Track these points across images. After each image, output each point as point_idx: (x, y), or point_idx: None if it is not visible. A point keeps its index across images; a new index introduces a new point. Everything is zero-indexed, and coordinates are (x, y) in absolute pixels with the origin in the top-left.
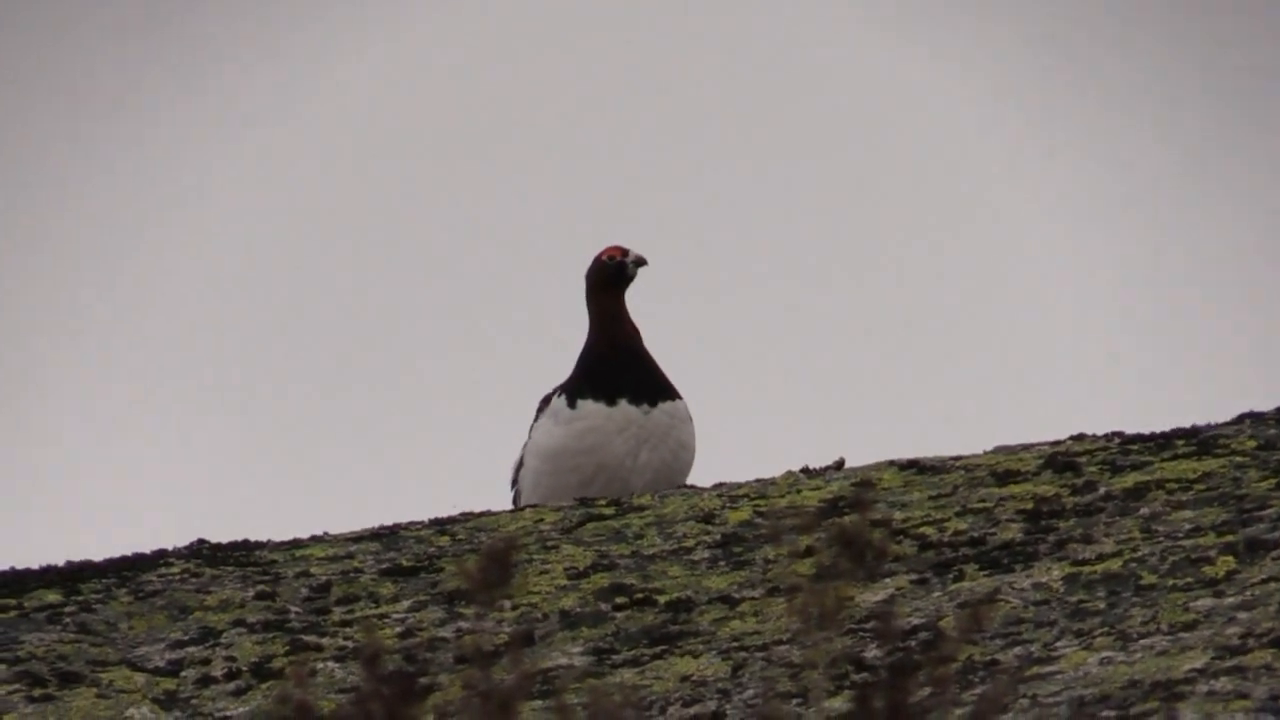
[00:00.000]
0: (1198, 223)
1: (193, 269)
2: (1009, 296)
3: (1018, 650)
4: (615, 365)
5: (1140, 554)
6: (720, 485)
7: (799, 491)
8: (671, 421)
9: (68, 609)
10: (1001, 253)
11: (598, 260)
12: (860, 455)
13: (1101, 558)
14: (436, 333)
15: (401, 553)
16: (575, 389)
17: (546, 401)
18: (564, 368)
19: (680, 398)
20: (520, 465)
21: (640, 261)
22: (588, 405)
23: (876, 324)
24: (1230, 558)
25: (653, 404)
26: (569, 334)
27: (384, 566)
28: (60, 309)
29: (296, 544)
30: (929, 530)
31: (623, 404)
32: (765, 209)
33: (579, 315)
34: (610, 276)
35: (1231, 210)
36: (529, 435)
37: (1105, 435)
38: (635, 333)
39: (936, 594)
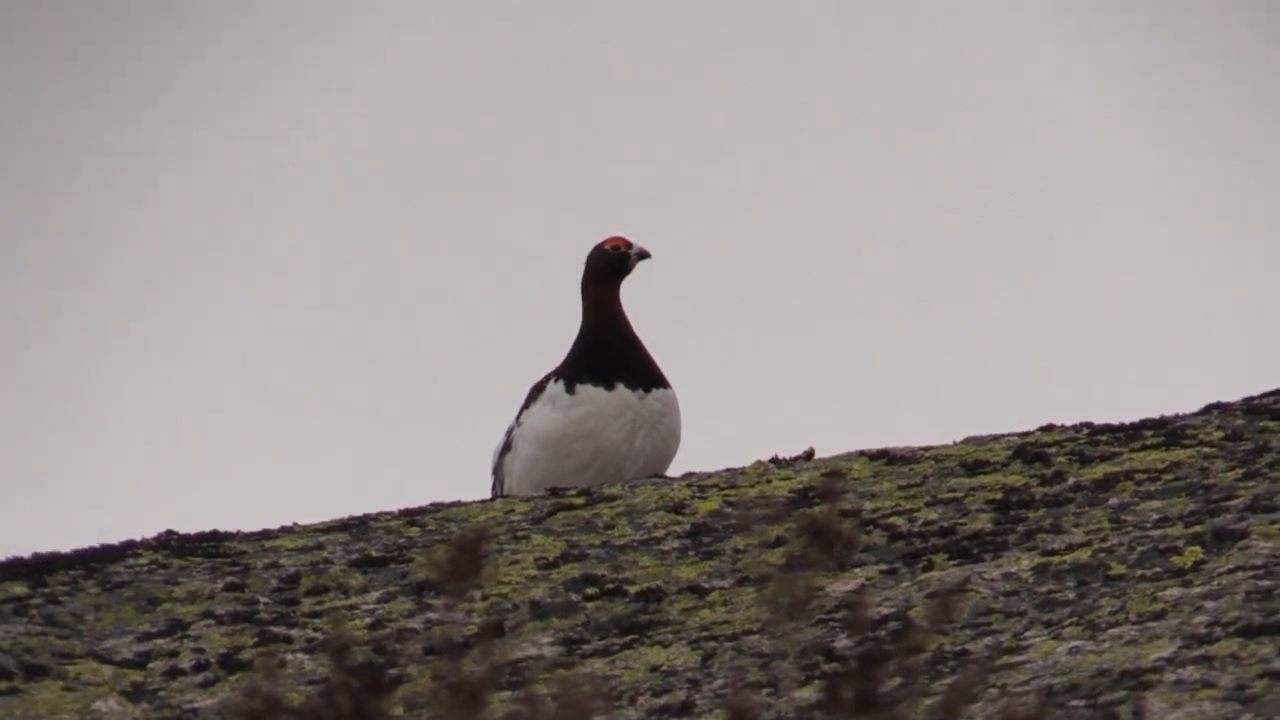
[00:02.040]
0: (1169, 215)
1: (165, 263)
2: (979, 288)
3: (987, 640)
4: (612, 351)
5: (1109, 544)
6: (690, 475)
7: (769, 481)
8: (664, 409)
9: (34, 601)
10: (971, 245)
11: (600, 249)
12: (830, 445)
13: (1070, 548)
14: (406, 324)
15: (371, 544)
16: (573, 374)
17: (539, 388)
18: (534, 358)
19: (670, 386)
20: (504, 451)
21: (643, 254)
22: (587, 390)
23: (847, 313)
24: (1198, 548)
25: (647, 390)
26: (539, 325)
27: (353, 557)
28: (33, 304)
29: (266, 535)
30: (899, 520)
31: (620, 388)
32: (736, 196)
33: (549, 307)
34: (612, 266)
35: (1205, 203)
36: (517, 422)
37: (1074, 426)
38: (628, 321)
39: (906, 584)
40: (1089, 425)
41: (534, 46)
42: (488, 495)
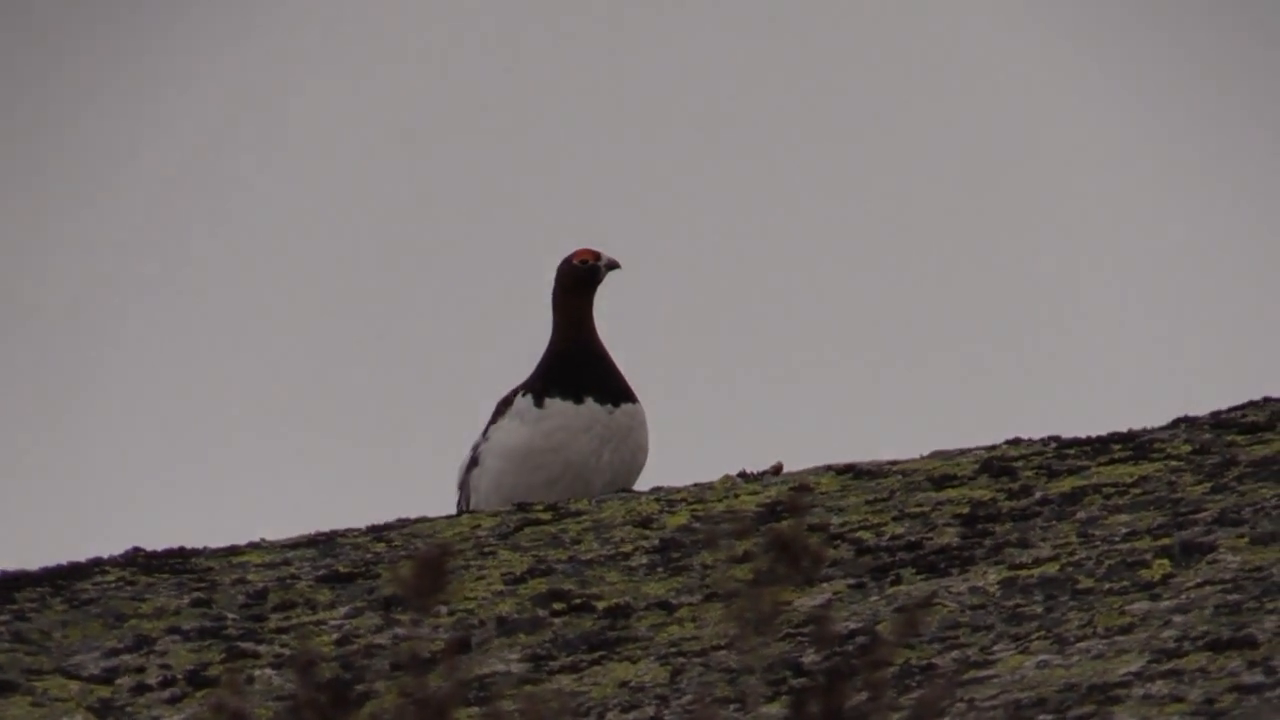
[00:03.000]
0: (1136, 227)
1: (127, 281)
2: (946, 302)
3: (954, 654)
4: (581, 365)
5: (1076, 558)
6: (658, 490)
7: (736, 496)
8: (632, 423)
9: (1, 618)
10: (938, 261)
11: (568, 262)
12: (797, 460)
13: (1038, 562)
14: (373, 339)
15: (338, 559)
16: (541, 388)
17: (507, 402)
18: (502, 372)
19: (638, 401)
20: (470, 466)
21: (613, 265)
22: (555, 404)
23: (815, 328)
24: (1166, 561)
25: (616, 404)
26: (507, 339)
27: (321, 573)
28: None
29: (233, 551)
30: (866, 535)
31: (589, 402)
32: (706, 208)
33: (517, 321)
34: (582, 279)
35: (1168, 214)
36: (484, 436)
37: (1041, 439)
38: (597, 335)
39: (874, 598)
40: (1056, 439)
41: (511, 59)
42: (454, 511)
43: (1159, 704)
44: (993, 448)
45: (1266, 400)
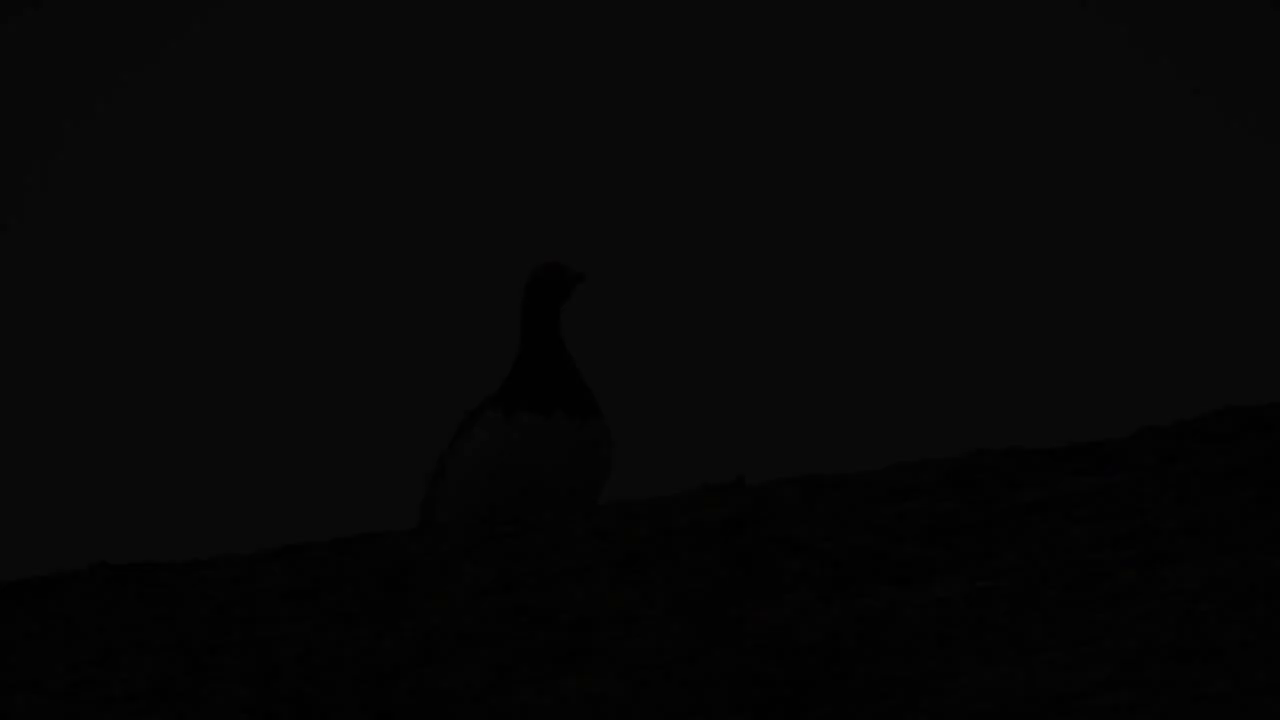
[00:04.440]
0: (1099, 230)
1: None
2: (908, 310)
3: (917, 666)
4: (551, 378)
5: (1040, 568)
6: (620, 503)
7: (699, 509)
8: (599, 438)
9: None
10: (900, 268)
11: (535, 274)
12: (760, 472)
13: (1001, 572)
14: (336, 349)
15: (302, 573)
16: (511, 400)
17: (475, 414)
18: (468, 384)
19: (603, 417)
20: (436, 479)
21: (580, 278)
22: (524, 417)
23: (778, 338)
24: (1130, 572)
25: (584, 418)
26: (473, 351)
27: (284, 587)
28: None
29: (196, 564)
30: (829, 546)
31: (558, 416)
32: (669, 216)
33: (484, 333)
34: (549, 291)
35: (1144, 221)
36: (451, 449)
37: (1004, 450)
38: (565, 348)
39: (836, 610)
40: (1019, 449)
41: (480, 63)
42: (418, 525)
43: (1123, 714)
44: (956, 458)
45: (1232, 409)
